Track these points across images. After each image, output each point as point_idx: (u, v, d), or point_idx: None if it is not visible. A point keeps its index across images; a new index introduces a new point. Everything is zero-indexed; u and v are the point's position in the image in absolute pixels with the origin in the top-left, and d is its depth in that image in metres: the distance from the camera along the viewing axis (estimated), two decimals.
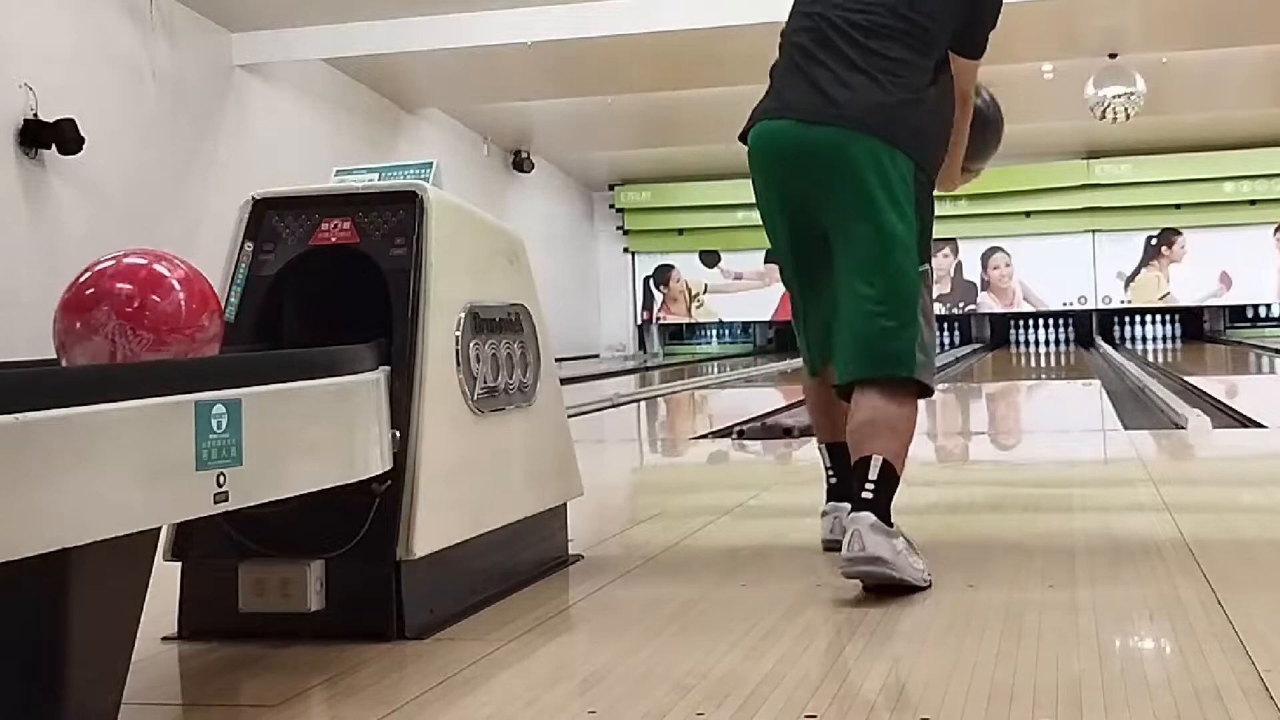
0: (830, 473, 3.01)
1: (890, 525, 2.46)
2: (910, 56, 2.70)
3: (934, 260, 2.86)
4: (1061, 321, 18.34)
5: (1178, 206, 17.01)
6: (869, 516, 2.42)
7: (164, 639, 2.24)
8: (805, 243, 2.78)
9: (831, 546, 2.81)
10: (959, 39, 2.81)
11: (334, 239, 2.39)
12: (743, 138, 2.88)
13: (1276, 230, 17.20)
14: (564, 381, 3.17)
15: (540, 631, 2.29)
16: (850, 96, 2.66)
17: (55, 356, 1.90)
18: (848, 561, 2.39)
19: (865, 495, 2.47)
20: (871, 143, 2.63)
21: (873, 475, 2.49)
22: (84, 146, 7.87)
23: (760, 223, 2.86)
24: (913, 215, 2.67)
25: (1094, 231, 17.22)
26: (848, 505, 2.60)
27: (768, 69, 3.02)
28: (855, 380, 2.64)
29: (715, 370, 14.65)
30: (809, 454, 5.29)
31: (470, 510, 2.41)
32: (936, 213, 2.84)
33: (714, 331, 19.54)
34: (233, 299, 2.38)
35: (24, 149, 7.71)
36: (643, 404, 9.40)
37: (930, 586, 2.47)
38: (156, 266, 1.95)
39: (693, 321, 19.06)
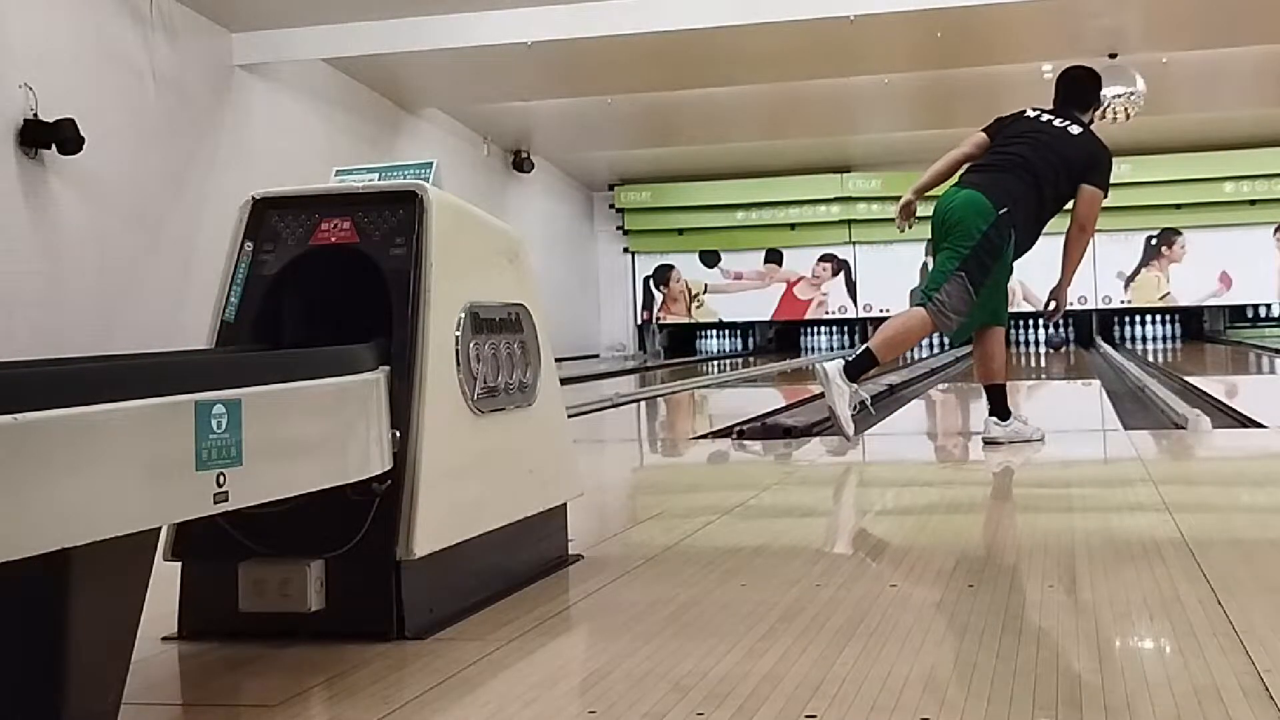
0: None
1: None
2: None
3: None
4: (1061, 321, 18.31)
5: (1178, 206, 17.00)
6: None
7: (164, 639, 2.24)
8: None
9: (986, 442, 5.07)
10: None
11: (334, 239, 2.39)
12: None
13: (1276, 230, 17.19)
14: (564, 381, 3.17)
15: (540, 631, 2.29)
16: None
17: (55, 356, 1.90)
18: None
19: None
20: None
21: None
22: (84, 146, 7.87)
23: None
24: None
25: (1094, 231, 17.20)
26: (994, 418, 5.11)
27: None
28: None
29: (715, 370, 14.65)
30: (809, 454, 5.31)
31: (470, 510, 2.41)
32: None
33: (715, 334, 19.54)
34: (233, 299, 2.38)
35: (24, 149, 7.70)
36: (643, 404, 9.39)
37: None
38: None
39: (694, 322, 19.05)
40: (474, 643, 2.18)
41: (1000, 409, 5.13)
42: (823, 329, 18.94)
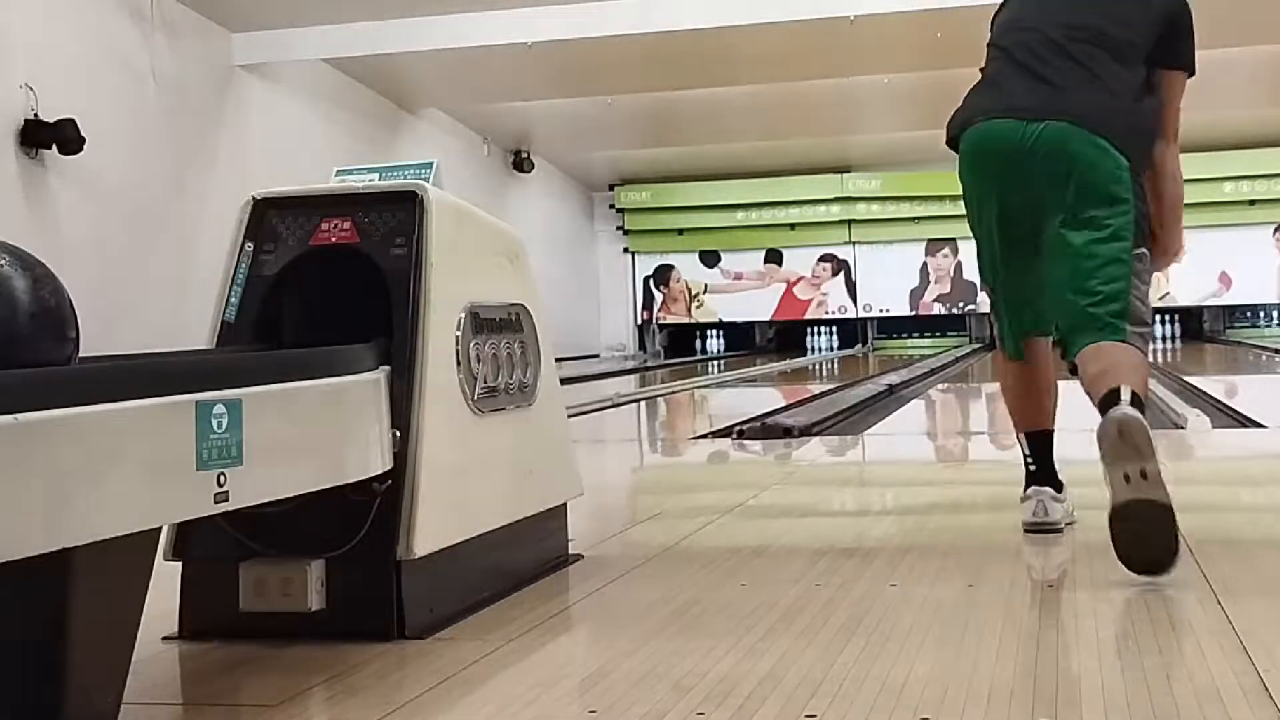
0: (1029, 461, 3.15)
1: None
2: (1122, 70, 2.92)
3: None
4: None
5: None
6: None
7: (164, 639, 2.24)
8: (1015, 237, 2.92)
9: (1035, 529, 3.01)
10: (1164, 54, 3.04)
11: (334, 239, 2.39)
12: (953, 141, 2.99)
13: (1276, 230, 17.19)
14: (564, 381, 3.17)
15: (540, 631, 2.29)
16: (1075, 97, 2.83)
17: None
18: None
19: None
20: (1096, 139, 2.81)
21: (1126, 396, 2.55)
22: (84, 146, 7.87)
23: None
24: (1133, 204, 2.93)
25: None
26: (1050, 489, 3.03)
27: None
28: (1086, 346, 2.81)
29: (715, 370, 14.65)
30: (809, 454, 5.30)
31: (470, 510, 2.41)
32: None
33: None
34: (233, 299, 2.38)
35: (24, 149, 7.71)
36: (643, 404, 9.39)
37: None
38: None
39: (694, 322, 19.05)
40: (474, 643, 2.18)
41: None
42: (822, 329, 18.95)
